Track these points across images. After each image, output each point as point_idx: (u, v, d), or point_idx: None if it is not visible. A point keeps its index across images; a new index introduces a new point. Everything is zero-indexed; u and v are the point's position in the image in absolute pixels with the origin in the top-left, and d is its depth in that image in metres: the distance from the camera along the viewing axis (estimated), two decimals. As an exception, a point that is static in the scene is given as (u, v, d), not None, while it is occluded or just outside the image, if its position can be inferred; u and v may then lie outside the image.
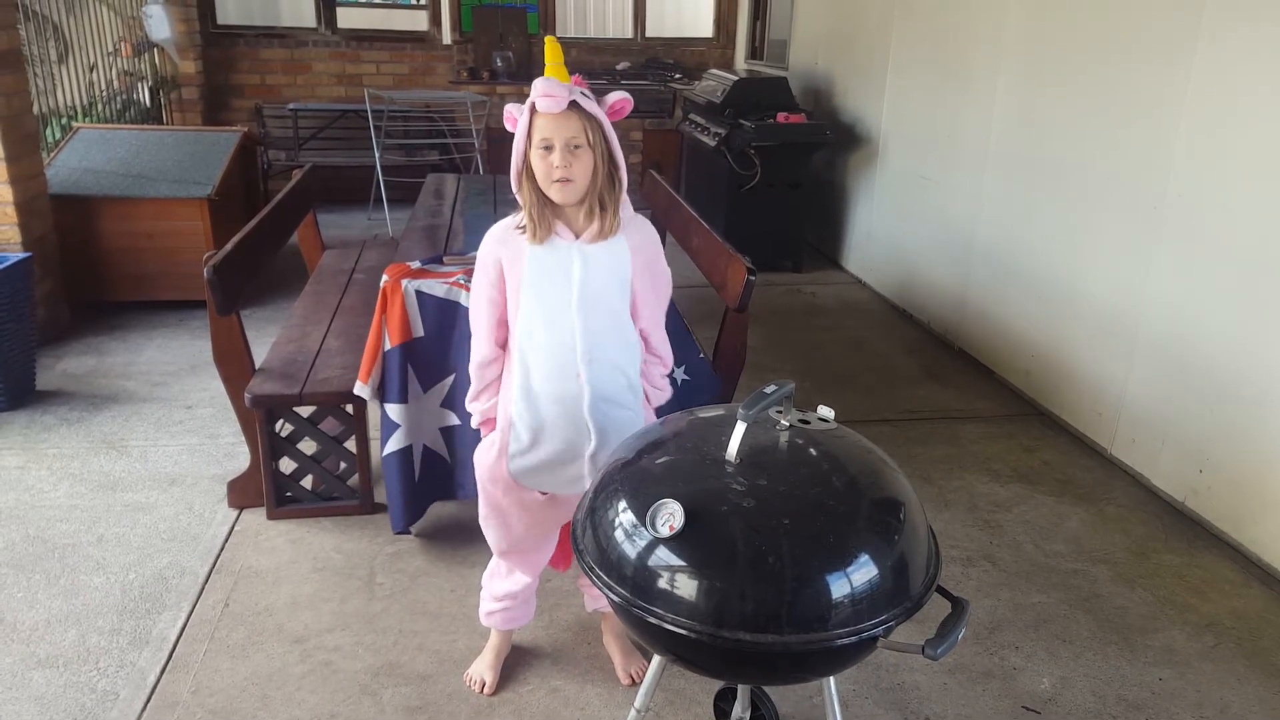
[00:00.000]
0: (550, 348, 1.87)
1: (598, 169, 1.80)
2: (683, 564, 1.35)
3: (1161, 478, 3.15)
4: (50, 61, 5.37)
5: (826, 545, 1.35)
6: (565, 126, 1.76)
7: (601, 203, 1.84)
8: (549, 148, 1.76)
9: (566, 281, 1.85)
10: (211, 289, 2.63)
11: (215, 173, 4.74)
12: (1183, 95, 3.00)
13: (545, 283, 1.85)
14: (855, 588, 1.33)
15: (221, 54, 7.08)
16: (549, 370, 1.87)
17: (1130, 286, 3.26)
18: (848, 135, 5.66)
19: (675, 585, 1.35)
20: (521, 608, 2.20)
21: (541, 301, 1.86)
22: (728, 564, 1.34)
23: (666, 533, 1.34)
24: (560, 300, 1.85)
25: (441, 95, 7.02)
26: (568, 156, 1.76)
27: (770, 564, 1.32)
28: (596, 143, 1.78)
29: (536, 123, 1.77)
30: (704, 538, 1.35)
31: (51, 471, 3.11)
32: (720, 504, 1.38)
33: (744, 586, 1.32)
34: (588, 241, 1.86)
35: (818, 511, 1.39)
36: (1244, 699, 2.22)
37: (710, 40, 8.06)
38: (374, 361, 2.57)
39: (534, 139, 1.78)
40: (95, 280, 4.53)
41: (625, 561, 1.40)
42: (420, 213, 3.50)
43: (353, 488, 2.89)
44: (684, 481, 1.42)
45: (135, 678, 2.19)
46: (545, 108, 1.75)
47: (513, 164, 1.83)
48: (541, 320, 1.86)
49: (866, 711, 2.15)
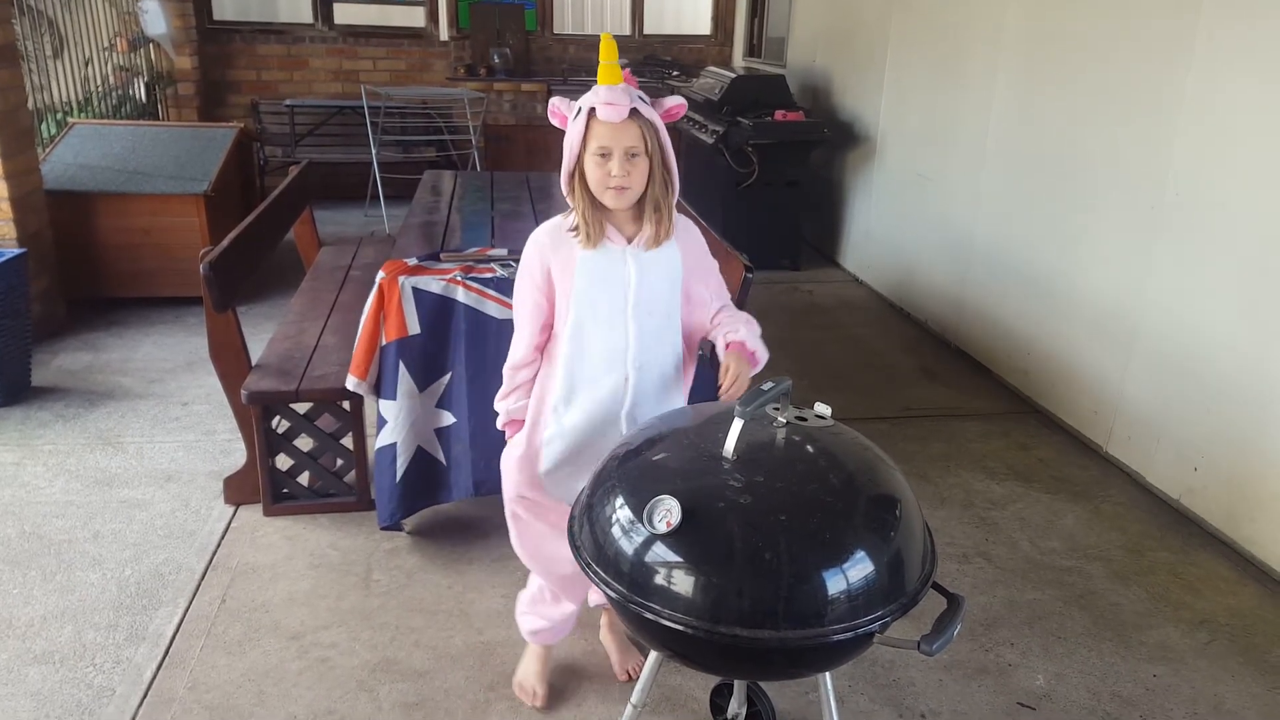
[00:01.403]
0: (601, 353, 1.84)
1: (653, 175, 1.76)
2: (679, 560, 1.35)
3: (1157, 476, 3.15)
4: (45, 56, 5.35)
5: (823, 541, 1.35)
6: (625, 135, 1.71)
7: (656, 207, 1.80)
8: (606, 155, 1.72)
9: (621, 287, 1.81)
10: (208, 285, 2.63)
11: (212, 169, 4.74)
12: (1181, 95, 3.01)
13: (599, 289, 1.81)
14: (851, 584, 1.33)
15: (218, 50, 7.06)
16: (596, 375, 1.85)
17: (1128, 286, 3.27)
18: (846, 133, 5.66)
19: (672, 581, 1.35)
20: (562, 626, 2.16)
21: (595, 308, 1.82)
22: (725, 560, 1.34)
23: (664, 529, 1.34)
24: (615, 306, 1.82)
25: (439, 92, 7.01)
26: (625, 165, 1.72)
27: (767, 560, 1.32)
28: (653, 150, 1.75)
29: (594, 129, 1.72)
30: (701, 534, 1.35)
31: (47, 468, 3.10)
32: (717, 500, 1.38)
33: (741, 583, 1.32)
34: (641, 247, 1.81)
35: (815, 508, 1.39)
36: (1238, 695, 2.23)
37: (708, 37, 8.06)
38: (366, 355, 2.57)
39: (590, 145, 1.73)
40: (91, 276, 4.51)
41: (622, 557, 1.40)
42: (417, 209, 3.50)
43: (349, 484, 2.89)
44: (681, 478, 1.42)
45: (131, 674, 2.19)
46: (606, 116, 1.70)
47: (564, 166, 1.78)
48: (593, 326, 1.83)
49: (862, 707, 2.15)
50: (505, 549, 2.69)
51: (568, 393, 1.87)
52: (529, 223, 3.31)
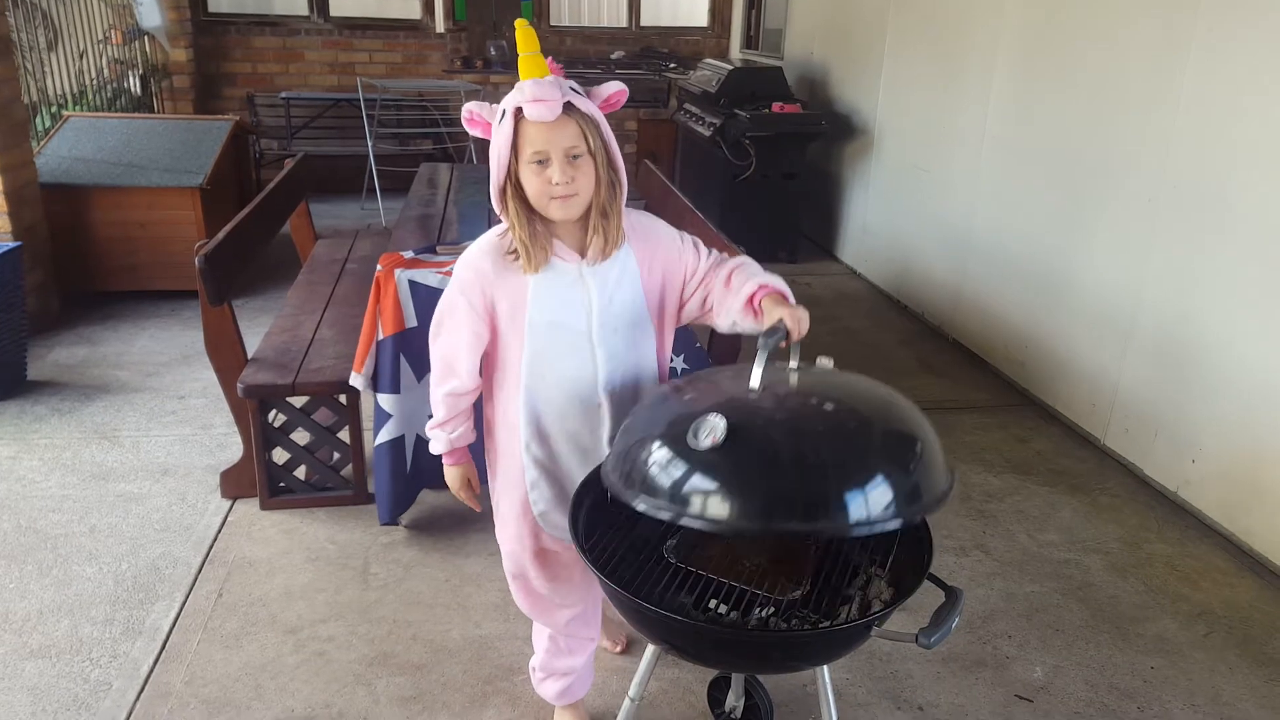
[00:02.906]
0: (566, 383, 1.64)
1: (599, 176, 1.54)
2: (732, 468, 1.31)
3: (1154, 468, 3.16)
4: (40, 49, 5.32)
5: (863, 438, 1.39)
6: (561, 134, 1.49)
7: (604, 213, 1.57)
8: (543, 161, 1.50)
9: (583, 310, 1.60)
10: (203, 278, 2.62)
11: (207, 162, 4.72)
12: (1179, 87, 3.00)
13: (557, 316, 1.60)
14: (894, 473, 1.33)
15: (213, 42, 7.03)
16: (565, 408, 1.66)
17: (1125, 278, 3.26)
18: (843, 126, 5.65)
19: (726, 488, 1.30)
20: (585, 675, 2.01)
21: (553, 337, 1.61)
22: (772, 464, 1.32)
23: (709, 444, 1.30)
24: (577, 331, 1.61)
25: (435, 84, 6.99)
26: (568, 169, 1.50)
27: (811, 460, 1.32)
28: (596, 148, 1.52)
29: (525, 132, 1.49)
30: (746, 444, 1.32)
31: (43, 462, 3.09)
32: (755, 418, 1.37)
33: (791, 481, 1.30)
34: (593, 261, 1.59)
35: (848, 415, 1.42)
36: (1235, 687, 2.23)
37: (705, 29, 8.03)
38: (364, 350, 2.56)
39: (523, 151, 1.50)
40: (86, 270, 4.50)
41: (667, 486, 1.33)
42: (413, 202, 3.49)
43: (346, 478, 2.88)
44: (716, 408, 1.37)
45: (128, 668, 2.18)
46: (537, 115, 1.47)
47: (493, 181, 1.55)
48: (553, 357, 1.62)
49: (860, 700, 2.15)
50: (503, 542, 2.70)
51: (534, 429, 1.68)
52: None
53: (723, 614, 1.49)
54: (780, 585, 1.50)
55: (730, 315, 1.65)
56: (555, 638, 1.93)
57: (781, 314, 1.54)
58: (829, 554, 1.59)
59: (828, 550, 1.59)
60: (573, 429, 1.68)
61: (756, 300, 1.61)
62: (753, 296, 1.61)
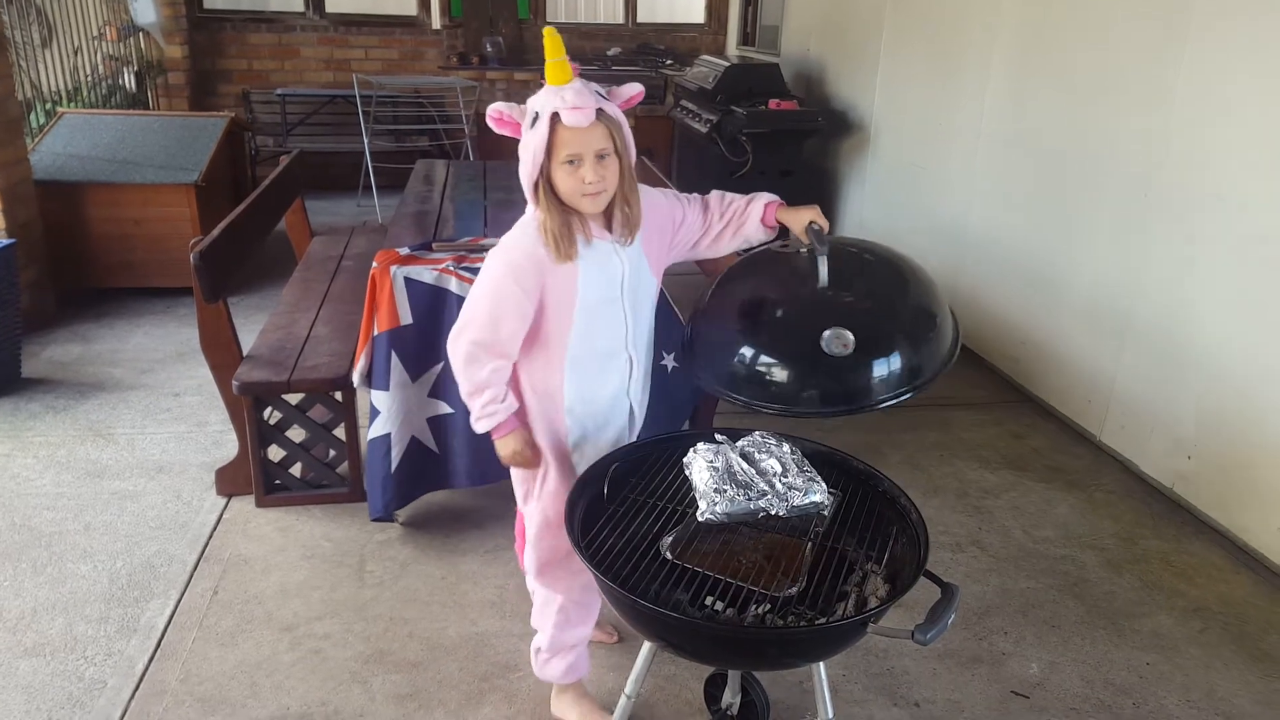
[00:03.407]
0: (606, 347, 1.82)
1: (623, 170, 1.70)
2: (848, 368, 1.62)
3: (1150, 464, 3.16)
4: (34, 45, 5.31)
5: (919, 296, 1.78)
6: (593, 138, 1.63)
7: (626, 202, 1.74)
8: (574, 161, 1.64)
9: (617, 281, 1.78)
10: (198, 275, 2.61)
11: (202, 159, 4.70)
12: (1174, 84, 3.00)
13: (603, 291, 1.77)
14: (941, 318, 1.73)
15: (208, 39, 7.01)
16: (604, 368, 1.83)
17: (1121, 274, 3.26)
18: (840, 122, 5.64)
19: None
20: (585, 652, 2.05)
21: (599, 311, 1.78)
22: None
23: (840, 351, 1.58)
24: (614, 300, 1.79)
25: (431, 80, 6.98)
26: (599, 169, 1.65)
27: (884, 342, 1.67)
28: (622, 147, 1.69)
29: (560, 136, 1.62)
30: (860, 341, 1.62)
31: (38, 459, 3.08)
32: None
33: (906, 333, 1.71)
34: (623, 241, 1.77)
35: (903, 284, 1.79)
36: (1230, 683, 2.24)
37: (702, 26, 8.02)
38: (361, 347, 2.56)
39: (558, 153, 1.64)
40: (81, 267, 4.49)
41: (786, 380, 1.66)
42: (410, 199, 3.48)
43: (342, 475, 2.88)
44: (815, 314, 1.68)
45: (123, 666, 2.18)
46: (575, 122, 1.61)
47: (526, 177, 1.69)
48: (598, 325, 1.79)
49: (856, 697, 2.15)
50: (499, 540, 2.70)
51: (578, 393, 1.82)
52: (522, 212, 3.28)
53: (719, 611, 1.49)
54: (776, 582, 1.50)
55: (742, 238, 1.91)
56: (565, 608, 1.95)
57: (807, 215, 1.82)
58: (825, 550, 1.59)
59: (823, 547, 1.59)
60: (611, 385, 1.85)
61: (770, 217, 1.87)
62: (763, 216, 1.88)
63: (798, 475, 1.62)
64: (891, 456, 3.25)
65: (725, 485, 1.58)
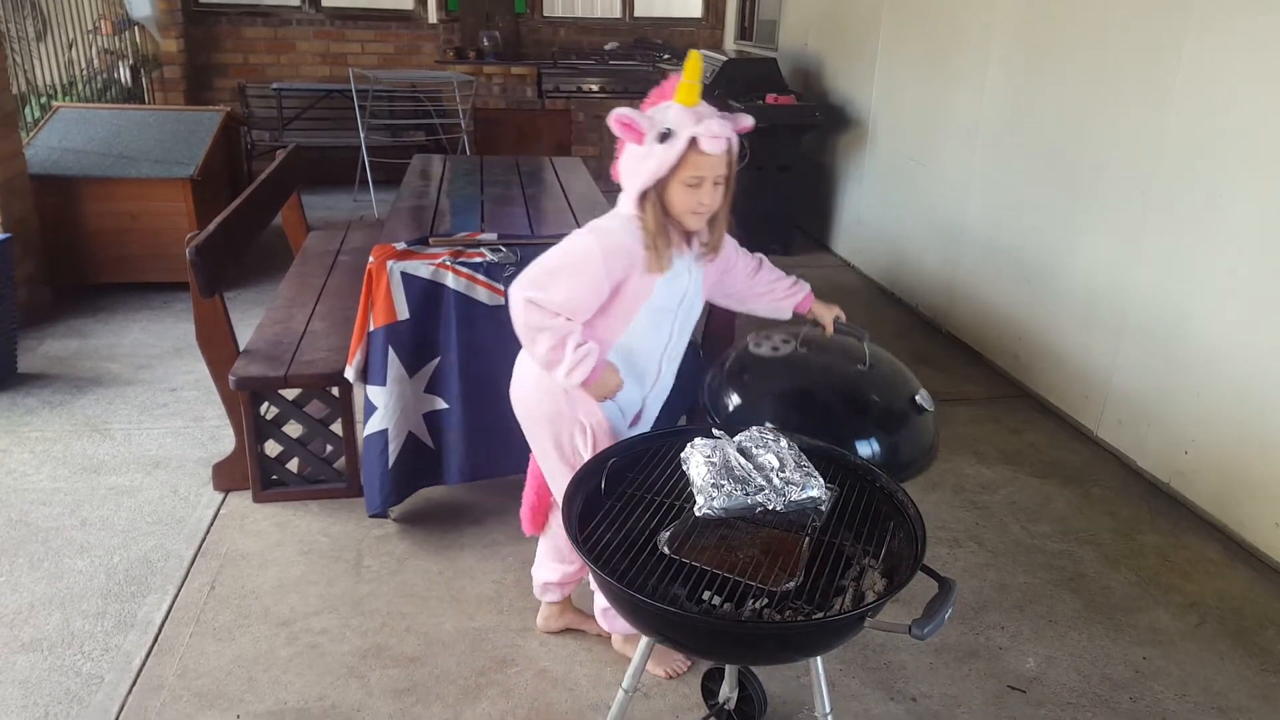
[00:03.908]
0: (647, 349, 1.91)
1: (726, 197, 1.79)
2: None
3: (1147, 460, 3.16)
4: (28, 39, 5.28)
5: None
6: (718, 164, 1.72)
7: (718, 226, 1.84)
8: (696, 183, 1.72)
9: (680, 294, 1.88)
10: (194, 270, 2.60)
11: (198, 153, 4.69)
12: (1173, 81, 3.00)
13: (666, 303, 1.87)
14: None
15: (204, 32, 6.99)
16: (638, 365, 1.91)
17: (1118, 270, 3.26)
18: (837, 117, 5.64)
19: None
20: None
21: (656, 318, 1.87)
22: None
23: (929, 406, 2.01)
24: (669, 312, 1.89)
25: (427, 75, 6.96)
26: (714, 192, 1.75)
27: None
28: (733, 174, 1.77)
29: (691, 158, 1.69)
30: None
31: (34, 455, 3.08)
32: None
33: None
34: (697, 259, 1.87)
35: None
36: (1227, 678, 2.24)
37: (699, 20, 8.00)
38: (356, 342, 2.55)
39: (682, 173, 1.71)
40: (77, 262, 4.47)
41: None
42: (406, 194, 3.47)
43: (339, 471, 2.88)
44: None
45: (120, 661, 2.17)
46: (712, 149, 1.69)
47: (638, 185, 1.75)
48: (648, 329, 1.88)
49: (853, 691, 2.16)
50: (496, 535, 2.70)
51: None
52: (519, 207, 3.29)
53: (716, 605, 1.49)
54: (774, 577, 1.50)
55: (771, 310, 2.12)
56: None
57: (835, 311, 2.13)
58: (822, 545, 1.59)
59: (820, 541, 1.59)
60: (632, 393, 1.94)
61: (806, 305, 2.12)
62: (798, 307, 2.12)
63: (795, 470, 1.62)
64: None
65: (723, 480, 1.58)
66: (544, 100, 7.20)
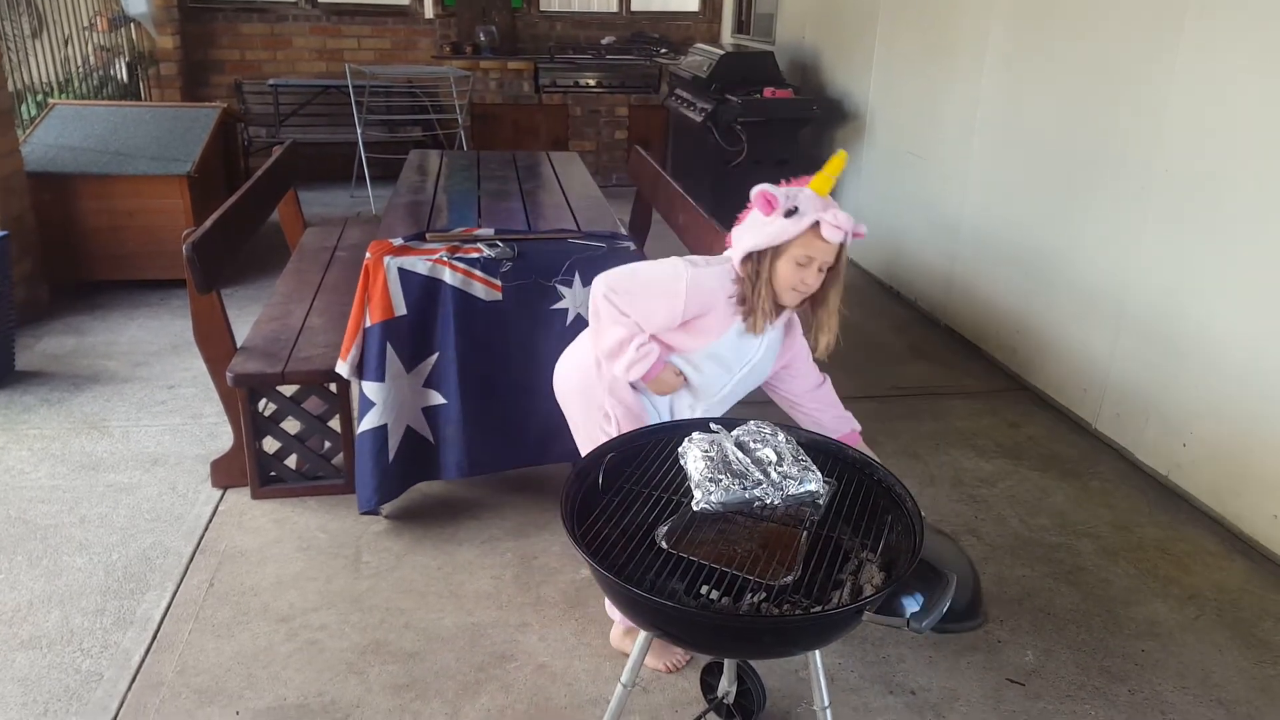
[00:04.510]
0: (693, 390, 2.03)
1: (827, 285, 1.91)
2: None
3: (1145, 452, 3.17)
4: (24, 36, 5.26)
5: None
6: (830, 251, 1.84)
7: (824, 305, 1.95)
8: (806, 263, 1.84)
9: (747, 356, 1.99)
10: (191, 267, 2.60)
11: (195, 150, 4.68)
12: (1170, 73, 2.99)
13: (726, 355, 1.97)
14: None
15: (200, 29, 6.97)
16: (678, 400, 2.06)
17: (1116, 263, 3.26)
18: (835, 111, 5.63)
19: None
20: None
21: (710, 367, 1.98)
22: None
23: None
24: (729, 368, 1.99)
25: (424, 70, 6.94)
26: (819, 276, 1.86)
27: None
28: (838, 266, 1.88)
29: (809, 238, 1.81)
30: None
31: (32, 452, 3.07)
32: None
33: None
34: (773, 327, 1.97)
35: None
36: (1225, 669, 2.24)
37: (696, 14, 7.98)
38: (351, 338, 2.55)
39: (794, 249, 1.83)
40: (74, 259, 4.46)
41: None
42: (403, 189, 3.47)
43: (337, 467, 2.87)
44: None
45: (120, 658, 2.17)
46: (831, 238, 1.80)
47: (750, 244, 1.86)
48: (702, 374, 1.99)
49: (852, 685, 2.16)
50: (494, 530, 2.70)
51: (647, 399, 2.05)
52: (515, 202, 3.28)
53: (715, 600, 1.49)
54: (772, 570, 1.50)
55: (820, 427, 2.09)
56: None
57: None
58: (820, 539, 1.59)
59: (818, 535, 1.59)
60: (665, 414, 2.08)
61: (851, 440, 2.08)
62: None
63: (793, 464, 1.62)
64: (887, 445, 3.25)
65: (721, 474, 1.58)
66: (541, 95, 7.19)
